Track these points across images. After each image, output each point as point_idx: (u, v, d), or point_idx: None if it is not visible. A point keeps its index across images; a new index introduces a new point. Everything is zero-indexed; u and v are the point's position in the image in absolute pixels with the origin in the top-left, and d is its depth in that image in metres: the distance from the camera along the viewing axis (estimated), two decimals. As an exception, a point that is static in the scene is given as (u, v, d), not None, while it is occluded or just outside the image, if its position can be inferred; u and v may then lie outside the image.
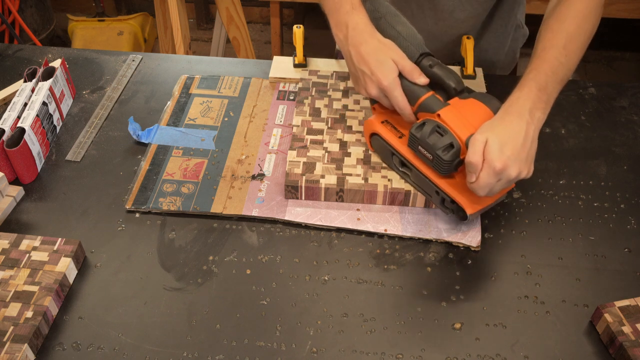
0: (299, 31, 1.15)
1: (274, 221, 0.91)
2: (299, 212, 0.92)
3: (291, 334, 0.78)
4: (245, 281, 0.84)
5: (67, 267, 0.81)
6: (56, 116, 1.05)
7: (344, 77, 1.10)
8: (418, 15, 1.14)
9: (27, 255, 0.82)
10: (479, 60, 1.21)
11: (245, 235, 0.89)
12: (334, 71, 1.12)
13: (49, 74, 1.06)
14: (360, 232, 0.90)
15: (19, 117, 0.97)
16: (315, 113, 1.03)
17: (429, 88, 0.88)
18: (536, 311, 0.81)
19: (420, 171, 0.88)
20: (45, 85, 1.02)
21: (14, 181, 0.96)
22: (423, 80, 0.88)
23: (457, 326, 0.79)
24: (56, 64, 1.09)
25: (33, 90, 1.02)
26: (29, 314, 0.76)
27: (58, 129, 1.06)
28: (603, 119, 1.09)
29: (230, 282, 0.84)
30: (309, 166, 0.94)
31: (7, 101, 1.10)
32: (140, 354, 0.76)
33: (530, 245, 0.89)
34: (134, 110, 1.10)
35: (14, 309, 0.76)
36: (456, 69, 1.13)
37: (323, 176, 0.92)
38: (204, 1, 2.88)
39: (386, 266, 0.86)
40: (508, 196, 0.95)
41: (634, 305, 0.77)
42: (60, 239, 0.84)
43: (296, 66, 1.15)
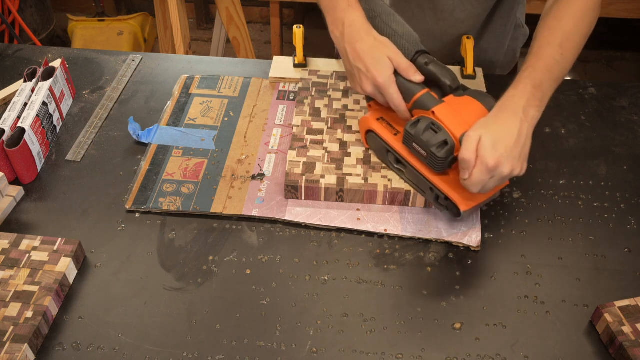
0: (299, 31, 1.15)
1: (274, 221, 0.91)
2: (299, 212, 0.92)
3: (291, 334, 0.78)
4: (245, 281, 0.84)
5: (67, 267, 0.81)
6: (56, 116, 1.05)
7: (344, 77, 1.10)
8: (418, 15, 1.14)
9: (27, 255, 0.82)
10: (479, 60, 1.21)
11: (245, 235, 0.89)
12: (334, 71, 1.12)
13: (49, 74, 1.06)
14: (360, 232, 0.90)
15: (19, 117, 0.97)
16: (315, 113, 1.03)
17: (424, 85, 0.88)
18: (536, 311, 0.81)
19: (415, 168, 0.88)
20: (45, 85, 1.02)
21: (14, 181, 0.96)
22: (418, 77, 0.88)
23: (457, 326, 0.79)
24: (56, 64, 1.09)
25: (33, 90, 1.02)
26: (29, 314, 0.76)
27: (58, 129, 1.06)
28: (603, 119, 1.09)
29: (230, 282, 0.84)
30: (309, 166, 0.94)
31: (7, 101, 1.10)
32: (140, 354, 0.76)
33: (530, 245, 0.89)
34: (134, 110, 1.10)
35: (14, 309, 0.76)
36: (456, 69, 1.14)
37: (323, 176, 0.92)
38: (204, 1, 2.88)
39: (386, 266, 0.86)
40: (508, 196, 0.95)
41: (634, 305, 0.77)
42: (60, 239, 0.84)
43: (296, 66, 1.15)
